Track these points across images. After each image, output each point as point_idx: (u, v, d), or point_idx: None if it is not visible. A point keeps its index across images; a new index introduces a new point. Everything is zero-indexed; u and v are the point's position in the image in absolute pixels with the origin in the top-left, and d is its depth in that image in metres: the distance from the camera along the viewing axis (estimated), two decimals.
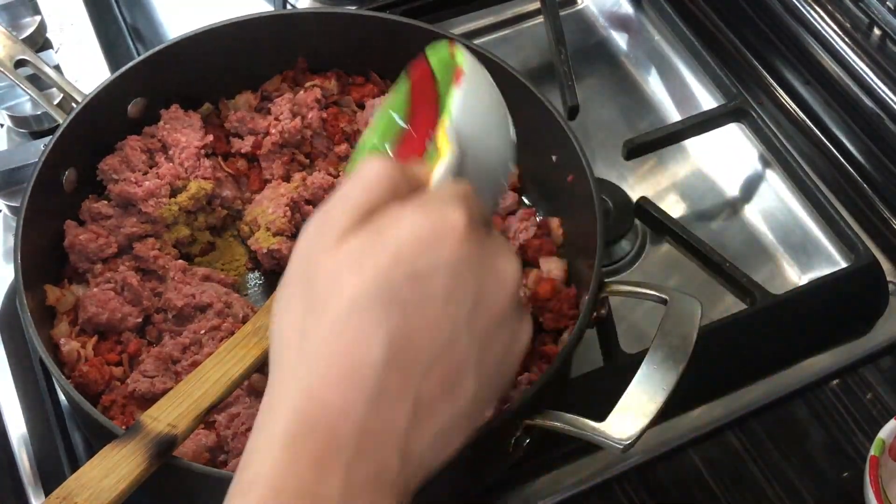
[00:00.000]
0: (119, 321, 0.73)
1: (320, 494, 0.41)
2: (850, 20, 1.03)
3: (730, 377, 0.81)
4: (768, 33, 1.06)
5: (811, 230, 0.90)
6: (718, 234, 0.91)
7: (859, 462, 0.75)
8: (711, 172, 0.96)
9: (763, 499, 0.75)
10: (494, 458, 0.68)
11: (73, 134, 0.76)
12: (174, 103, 0.83)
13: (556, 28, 0.98)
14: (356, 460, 0.42)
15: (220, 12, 0.85)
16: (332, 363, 0.43)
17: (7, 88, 0.92)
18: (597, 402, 0.62)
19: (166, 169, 0.80)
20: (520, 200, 0.84)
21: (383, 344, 0.43)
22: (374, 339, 0.43)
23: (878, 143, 0.96)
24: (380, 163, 0.47)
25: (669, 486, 0.76)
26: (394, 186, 0.46)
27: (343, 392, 0.42)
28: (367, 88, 0.88)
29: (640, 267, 0.89)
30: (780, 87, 1.02)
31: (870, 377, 0.82)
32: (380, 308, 0.43)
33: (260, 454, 0.43)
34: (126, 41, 1.01)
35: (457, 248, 0.44)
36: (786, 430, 0.79)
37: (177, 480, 0.63)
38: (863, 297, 0.86)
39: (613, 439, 0.60)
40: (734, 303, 0.83)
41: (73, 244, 0.76)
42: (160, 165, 0.80)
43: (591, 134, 0.98)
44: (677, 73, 1.03)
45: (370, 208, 0.45)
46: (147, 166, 0.81)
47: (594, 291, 0.68)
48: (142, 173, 0.80)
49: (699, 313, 0.65)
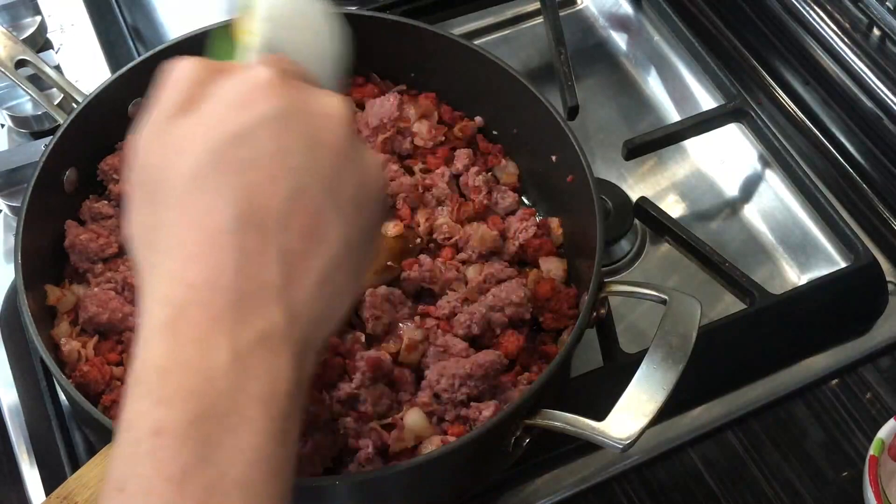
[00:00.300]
0: (120, 321, 0.73)
1: (210, 367, 0.41)
2: (849, 20, 1.03)
3: (729, 377, 0.81)
4: (768, 34, 1.06)
5: (811, 230, 0.91)
6: (718, 234, 0.91)
7: (858, 462, 0.75)
8: (711, 172, 0.96)
9: (762, 498, 0.75)
10: (494, 458, 0.69)
11: (73, 134, 0.76)
12: None
13: (556, 28, 0.98)
14: (237, 326, 0.42)
15: (220, 12, 0.84)
16: (186, 242, 0.43)
17: (7, 88, 0.92)
18: (597, 401, 0.62)
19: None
20: (520, 200, 0.84)
21: (229, 208, 0.43)
22: (219, 206, 0.43)
23: (878, 143, 0.96)
24: (181, 61, 0.48)
25: (669, 486, 0.76)
26: (199, 76, 0.47)
27: (204, 266, 0.42)
28: (368, 89, 0.88)
29: (639, 267, 0.89)
30: (779, 88, 1.02)
31: (869, 377, 0.82)
32: (215, 177, 0.43)
33: (144, 348, 0.42)
34: (126, 41, 1.01)
35: (271, 100, 0.45)
36: (785, 429, 0.79)
37: None
38: (862, 297, 0.86)
39: (613, 439, 0.60)
40: (733, 302, 0.83)
41: (73, 244, 0.76)
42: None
43: (590, 134, 0.98)
44: (677, 73, 1.03)
45: (183, 100, 0.46)
46: None
47: (594, 291, 0.68)
48: None
49: (699, 313, 0.65)
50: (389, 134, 0.83)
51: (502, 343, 0.73)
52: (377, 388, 0.70)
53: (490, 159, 0.86)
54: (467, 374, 0.68)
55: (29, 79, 0.83)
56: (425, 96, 0.86)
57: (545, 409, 0.64)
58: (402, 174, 0.82)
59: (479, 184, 0.82)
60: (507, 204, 0.83)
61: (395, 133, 0.84)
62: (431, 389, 0.70)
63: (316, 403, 0.69)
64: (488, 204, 0.82)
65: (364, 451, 0.67)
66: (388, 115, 0.83)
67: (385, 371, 0.70)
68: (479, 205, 0.81)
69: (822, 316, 0.84)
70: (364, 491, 0.63)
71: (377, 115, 0.84)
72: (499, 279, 0.76)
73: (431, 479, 0.66)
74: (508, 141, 0.86)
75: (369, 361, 0.69)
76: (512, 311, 0.74)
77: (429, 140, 0.84)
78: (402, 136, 0.85)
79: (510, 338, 0.73)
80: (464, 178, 0.83)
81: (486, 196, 0.82)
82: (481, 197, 0.81)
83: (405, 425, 0.68)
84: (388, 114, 0.83)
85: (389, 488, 0.65)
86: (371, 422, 0.69)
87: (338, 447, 0.68)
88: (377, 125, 0.84)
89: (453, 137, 0.86)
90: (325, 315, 0.46)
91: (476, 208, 0.81)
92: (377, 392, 0.70)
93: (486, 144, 0.86)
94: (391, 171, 0.82)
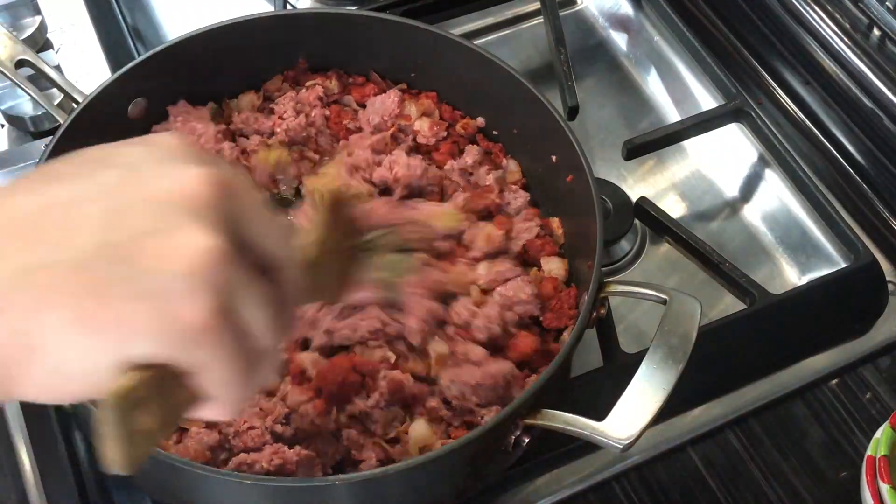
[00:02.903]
0: None
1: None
2: (849, 20, 1.03)
3: (729, 377, 0.81)
4: (768, 34, 1.06)
5: (810, 230, 0.91)
6: (718, 234, 0.91)
7: (858, 461, 0.75)
8: (711, 172, 0.96)
9: (762, 498, 0.75)
10: (494, 458, 0.69)
11: (73, 134, 0.76)
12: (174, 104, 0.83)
13: (556, 28, 0.98)
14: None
15: (220, 12, 0.85)
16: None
17: (7, 89, 0.92)
18: (597, 401, 0.62)
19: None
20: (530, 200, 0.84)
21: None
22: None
23: (878, 143, 0.96)
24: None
25: (669, 486, 0.76)
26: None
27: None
28: (368, 88, 0.88)
29: (639, 267, 0.89)
30: (779, 88, 1.02)
31: (869, 377, 0.82)
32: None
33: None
34: (126, 41, 1.01)
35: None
36: (785, 429, 0.79)
37: (178, 479, 0.64)
38: (862, 297, 0.86)
39: (613, 439, 0.60)
40: (733, 303, 0.83)
41: None
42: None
43: (590, 134, 0.98)
44: (677, 73, 1.03)
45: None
46: None
47: (594, 291, 0.68)
48: None
49: (699, 313, 0.65)
50: (391, 131, 0.84)
51: (517, 345, 0.73)
52: (391, 411, 0.69)
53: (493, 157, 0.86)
54: (478, 384, 0.68)
55: (29, 79, 0.83)
56: (426, 95, 0.86)
57: (545, 409, 0.64)
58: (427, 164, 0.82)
59: (491, 182, 0.82)
60: (518, 204, 0.82)
61: (396, 130, 0.84)
62: (442, 395, 0.70)
63: (321, 416, 0.68)
64: (500, 203, 0.82)
65: (367, 464, 0.67)
66: (388, 113, 0.84)
67: (404, 394, 0.69)
68: (492, 203, 0.81)
69: (822, 316, 0.84)
70: (364, 491, 0.63)
71: (378, 112, 0.84)
72: (506, 278, 0.76)
73: (431, 479, 0.66)
74: (508, 141, 0.86)
75: (391, 384, 0.69)
76: (522, 309, 0.74)
77: (431, 137, 0.84)
78: (403, 133, 0.85)
79: (525, 339, 0.73)
80: (475, 178, 0.83)
81: (498, 195, 0.82)
82: (494, 195, 0.82)
83: (410, 438, 0.68)
84: (388, 111, 0.84)
85: (389, 488, 0.65)
86: (375, 438, 0.69)
87: (339, 454, 0.68)
88: (378, 122, 0.84)
89: (456, 134, 0.86)
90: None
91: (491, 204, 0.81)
92: (390, 415, 0.69)
93: (487, 143, 0.86)
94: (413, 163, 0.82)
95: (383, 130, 0.84)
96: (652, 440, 0.77)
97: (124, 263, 0.38)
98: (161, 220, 0.39)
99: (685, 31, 1.01)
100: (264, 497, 0.63)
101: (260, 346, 0.42)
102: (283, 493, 0.61)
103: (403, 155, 0.81)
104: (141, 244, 0.38)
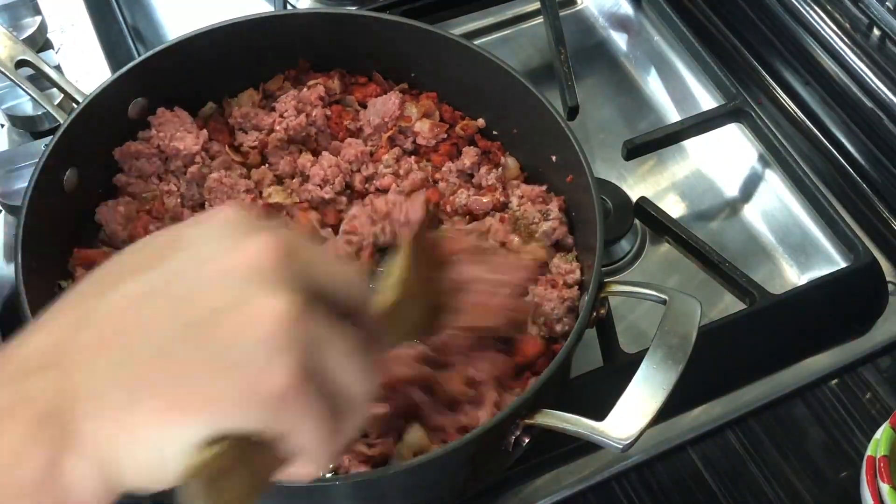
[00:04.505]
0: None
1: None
2: (849, 20, 1.03)
3: (729, 377, 0.81)
4: (768, 34, 1.06)
5: (810, 230, 0.91)
6: (718, 234, 0.91)
7: (858, 461, 0.75)
8: (711, 172, 0.96)
9: (762, 498, 0.75)
10: (494, 458, 0.69)
11: (73, 134, 0.76)
12: (175, 104, 0.83)
13: (556, 28, 0.98)
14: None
15: (220, 12, 0.85)
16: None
17: (7, 89, 0.92)
18: (597, 401, 0.62)
19: (174, 185, 0.81)
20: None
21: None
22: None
23: (878, 143, 0.96)
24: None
25: (669, 486, 0.76)
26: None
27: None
28: (370, 88, 0.88)
29: (639, 267, 0.89)
30: (779, 88, 1.03)
31: (869, 377, 0.82)
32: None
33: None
34: (126, 41, 1.01)
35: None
36: (785, 429, 0.79)
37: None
38: (862, 297, 0.86)
39: (613, 439, 0.60)
40: (733, 302, 0.83)
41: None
42: (168, 182, 0.81)
43: (590, 134, 0.98)
44: (677, 73, 1.03)
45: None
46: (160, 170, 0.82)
47: (594, 291, 0.68)
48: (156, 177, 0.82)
49: (699, 313, 0.65)
50: (391, 132, 0.84)
51: (522, 348, 0.73)
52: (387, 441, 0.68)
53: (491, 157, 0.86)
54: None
55: (29, 79, 0.83)
56: (426, 96, 0.87)
57: (545, 409, 0.64)
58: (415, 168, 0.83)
59: (493, 181, 0.82)
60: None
61: (396, 132, 0.84)
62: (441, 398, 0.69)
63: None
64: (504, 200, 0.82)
65: (348, 466, 0.67)
66: (389, 114, 0.84)
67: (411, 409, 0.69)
68: (495, 201, 0.81)
69: (822, 316, 0.84)
70: (364, 491, 0.63)
71: (379, 113, 0.84)
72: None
73: (431, 479, 0.66)
74: (508, 141, 0.86)
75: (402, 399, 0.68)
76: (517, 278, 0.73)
77: (431, 138, 0.84)
78: (403, 135, 0.85)
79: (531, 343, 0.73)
80: (476, 178, 0.83)
81: (501, 193, 0.82)
82: (497, 195, 0.82)
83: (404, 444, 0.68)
84: (389, 112, 0.84)
85: (389, 488, 0.65)
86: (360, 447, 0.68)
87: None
88: (378, 123, 0.84)
89: (455, 136, 0.86)
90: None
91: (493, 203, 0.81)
92: (387, 444, 0.68)
93: (486, 143, 0.86)
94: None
95: (383, 132, 0.84)
96: (652, 440, 0.77)
97: (206, 343, 0.39)
98: (233, 295, 0.40)
99: (685, 31, 1.01)
100: (265, 496, 0.63)
101: (349, 394, 0.42)
102: (283, 493, 0.61)
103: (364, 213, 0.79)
104: (217, 321, 0.39)
